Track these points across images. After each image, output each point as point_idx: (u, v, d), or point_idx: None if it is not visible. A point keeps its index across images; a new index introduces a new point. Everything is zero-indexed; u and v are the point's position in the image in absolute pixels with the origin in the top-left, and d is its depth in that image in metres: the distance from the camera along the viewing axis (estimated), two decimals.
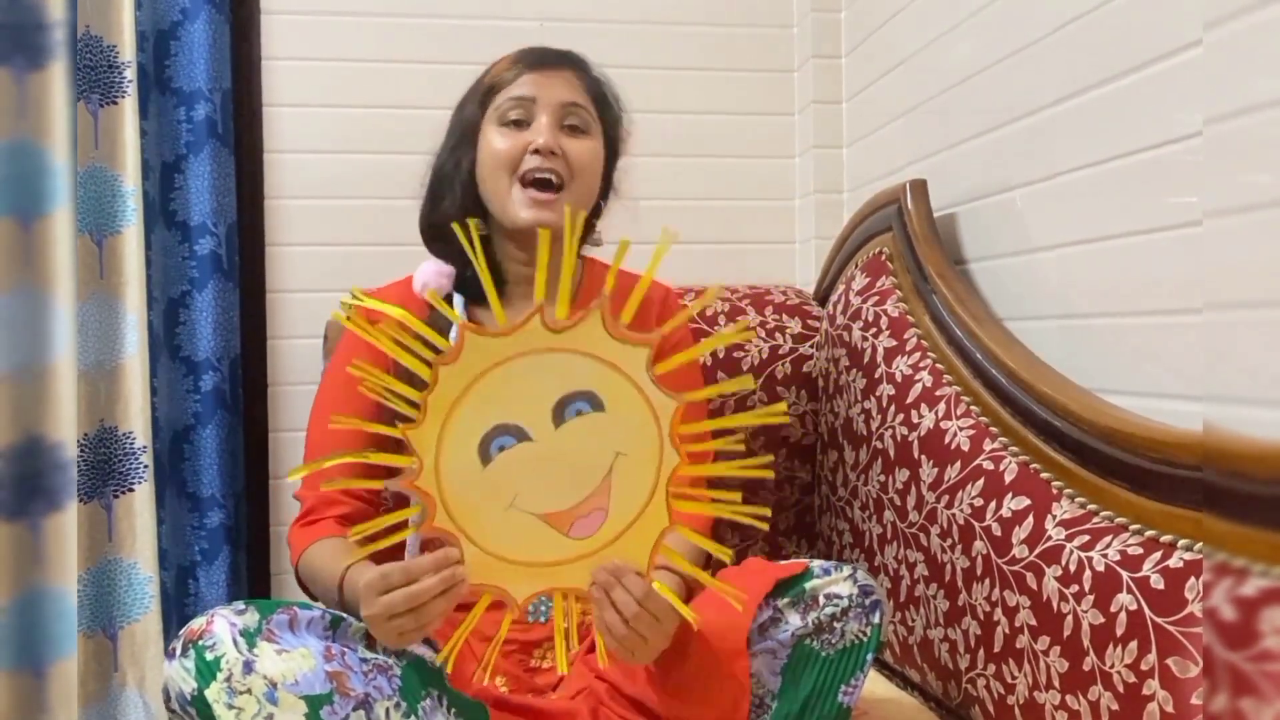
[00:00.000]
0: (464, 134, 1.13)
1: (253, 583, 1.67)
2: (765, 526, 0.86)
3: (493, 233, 1.14)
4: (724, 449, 0.85)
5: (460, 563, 0.83)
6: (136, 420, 1.48)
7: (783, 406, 0.89)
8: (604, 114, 1.15)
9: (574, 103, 1.10)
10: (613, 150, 1.18)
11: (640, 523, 0.85)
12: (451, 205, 1.12)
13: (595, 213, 1.19)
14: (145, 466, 1.48)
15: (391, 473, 1.03)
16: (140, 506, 1.48)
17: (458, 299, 1.12)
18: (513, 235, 1.12)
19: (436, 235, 1.14)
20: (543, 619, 1.07)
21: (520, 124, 1.09)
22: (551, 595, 0.85)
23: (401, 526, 0.84)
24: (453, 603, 0.83)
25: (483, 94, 1.13)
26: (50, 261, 1.13)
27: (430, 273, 1.13)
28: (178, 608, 1.59)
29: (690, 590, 1.01)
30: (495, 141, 1.09)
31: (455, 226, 0.84)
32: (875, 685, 1.26)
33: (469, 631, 0.84)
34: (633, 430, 0.83)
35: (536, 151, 1.07)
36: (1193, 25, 0.90)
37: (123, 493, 1.49)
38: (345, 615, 0.95)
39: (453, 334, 0.83)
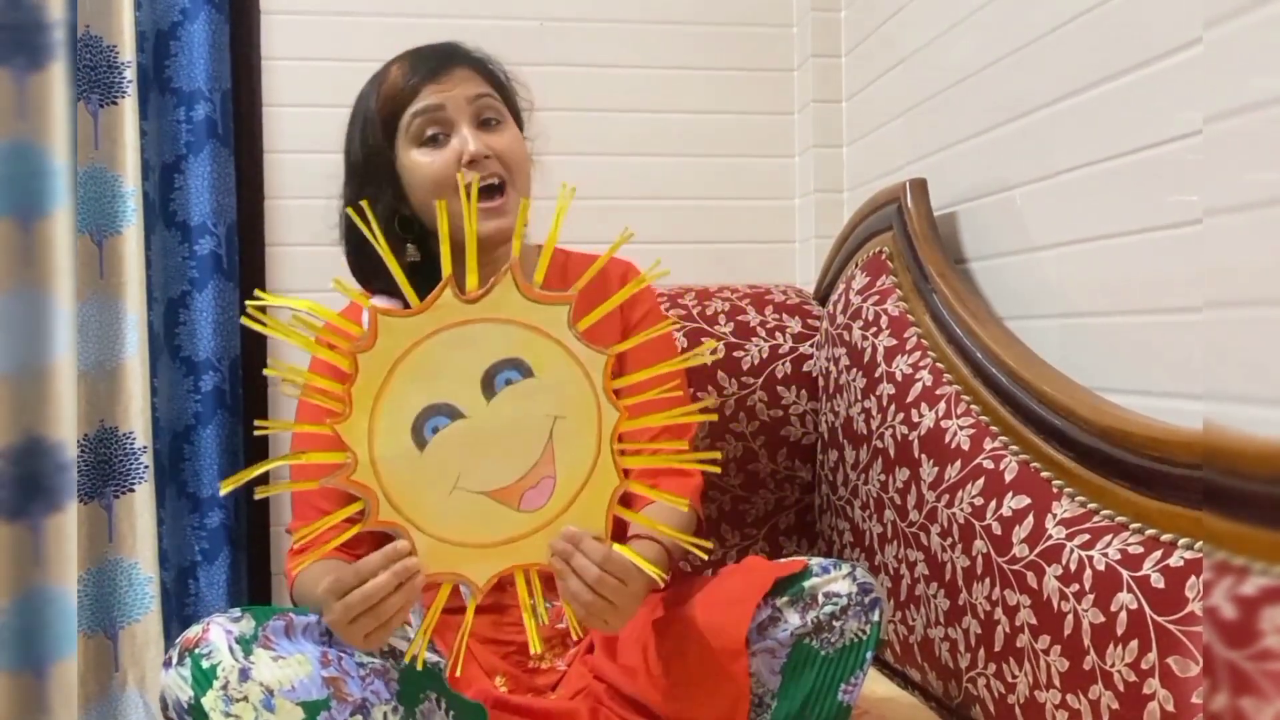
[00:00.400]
0: (372, 170, 1.09)
1: (253, 583, 1.67)
2: (717, 470, 0.85)
3: (427, 254, 1.11)
4: (663, 397, 0.84)
5: (412, 554, 0.81)
6: (137, 420, 1.48)
7: (711, 344, 0.88)
8: (506, 96, 1.11)
9: (480, 94, 1.06)
10: (519, 124, 1.13)
11: (590, 485, 0.83)
12: (384, 236, 1.10)
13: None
14: (145, 467, 1.48)
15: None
16: (140, 507, 1.48)
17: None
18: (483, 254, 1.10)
19: (371, 276, 1.11)
20: (540, 621, 1.06)
21: (438, 139, 1.05)
22: (513, 575, 0.83)
23: (348, 525, 0.82)
24: (411, 597, 0.81)
25: (383, 121, 1.07)
26: (50, 262, 1.13)
27: (386, 304, 1.11)
28: (178, 608, 1.59)
29: (670, 555, 0.99)
30: (421, 165, 1.05)
31: (350, 212, 0.83)
32: (876, 684, 1.26)
33: (468, 632, 0.84)
34: (566, 392, 0.81)
35: (471, 162, 1.03)
36: (1193, 23, 0.90)
37: (123, 493, 1.49)
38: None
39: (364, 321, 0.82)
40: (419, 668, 0.86)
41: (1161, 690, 0.76)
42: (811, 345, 1.53)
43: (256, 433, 0.84)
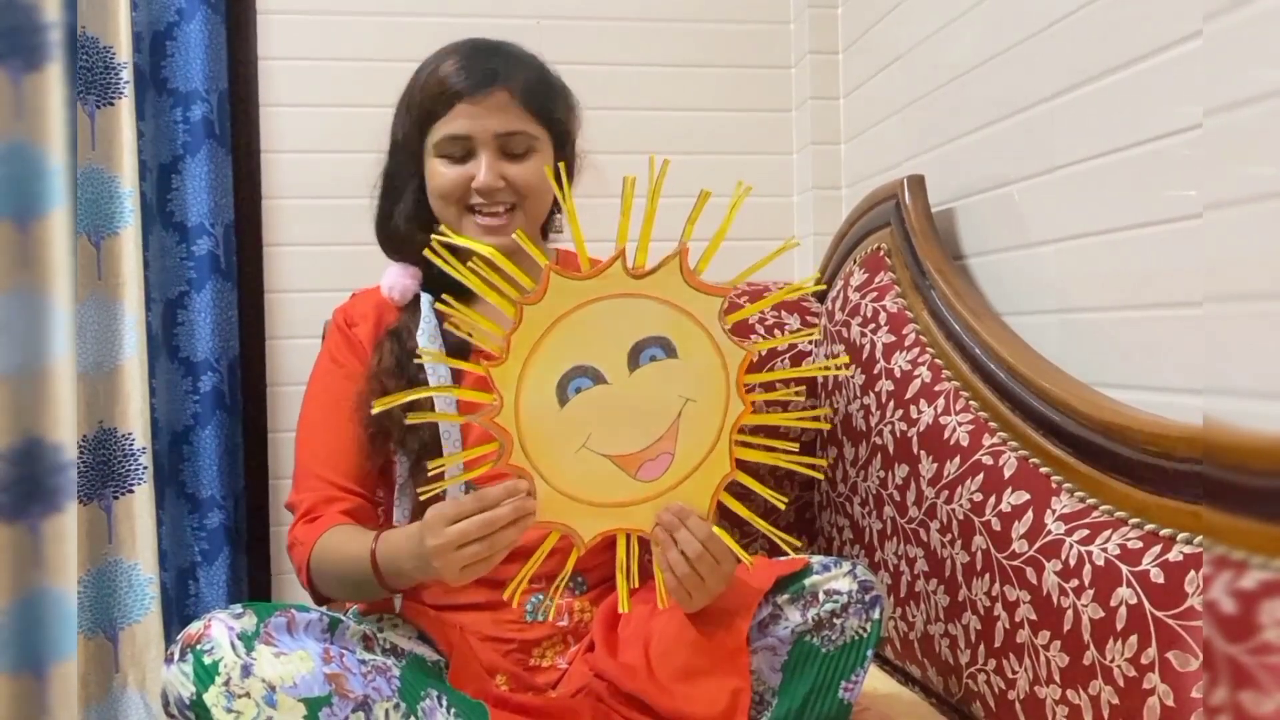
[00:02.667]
0: (408, 152, 1.12)
1: (253, 583, 1.67)
2: (821, 476, 0.89)
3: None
4: (785, 398, 0.92)
5: (530, 495, 0.85)
6: (136, 421, 1.48)
7: (844, 360, 0.93)
8: (546, 120, 1.10)
9: (509, 132, 1.07)
10: (562, 145, 1.14)
11: (704, 468, 0.89)
12: (402, 216, 1.12)
13: (555, 206, 1.17)
14: (145, 468, 1.48)
15: (384, 471, 1.05)
16: (140, 508, 1.48)
17: (425, 298, 1.11)
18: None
19: (393, 242, 1.14)
20: (541, 618, 1.07)
21: (459, 157, 1.07)
22: (615, 537, 0.88)
23: (474, 465, 0.87)
24: (520, 533, 0.85)
25: (420, 119, 1.09)
26: (48, 263, 1.13)
27: (396, 275, 1.12)
28: (178, 609, 1.59)
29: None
30: (440, 174, 1.08)
31: (431, 250, 0.86)
32: (876, 681, 1.26)
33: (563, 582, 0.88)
34: (702, 378, 0.87)
35: (479, 192, 1.06)
36: (1192, 16, 0.90)
37: (122, 494, 1.49)
38: (343, 617, 0.95)
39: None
40: (514, 604, 0.89)
41: (1161, 685, 0.76)
42: (810, 342, 1.53)
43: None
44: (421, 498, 0.98)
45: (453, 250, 0.84)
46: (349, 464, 1.08)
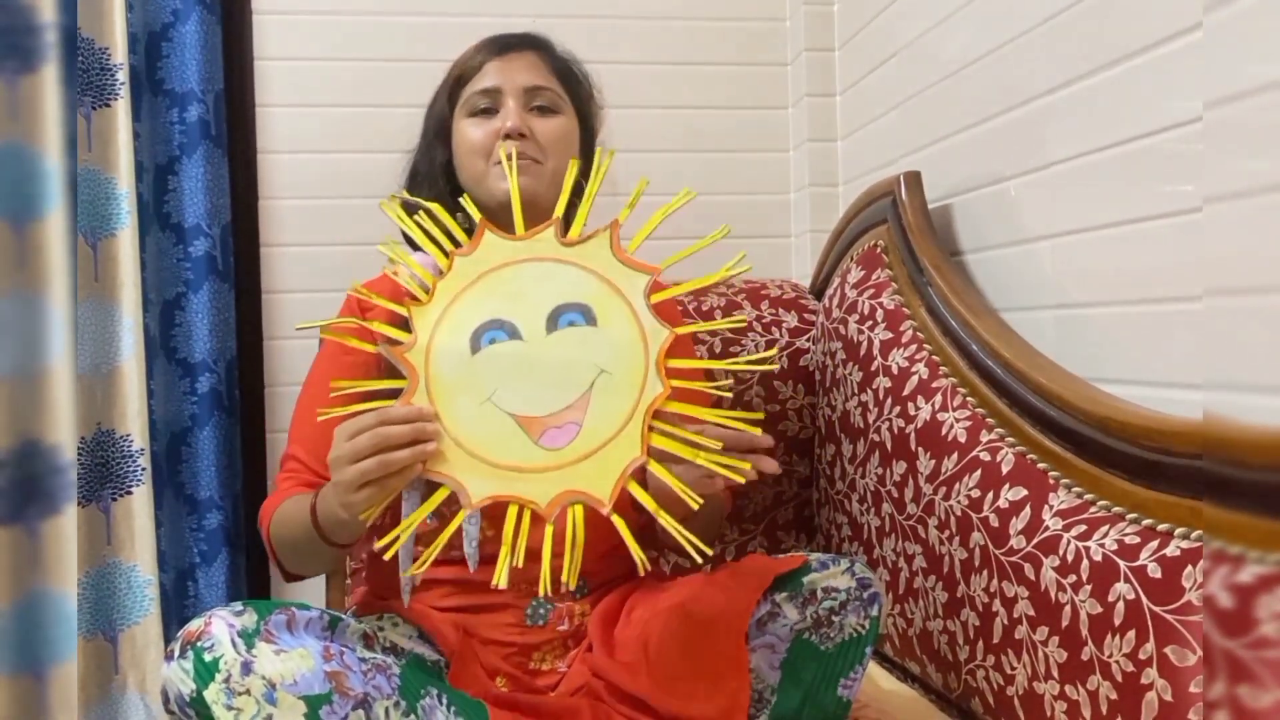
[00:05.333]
0: (437, 130, 1.16)
1: (252, 584, 1.67)
2: (742, 479, 0.84)
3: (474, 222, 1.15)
4: (714, 391, 0.88)
5: (435, 421, 0.84)
6: (134, 423, 1.48)
7: (772, 353, 0.92)
8: (572, 90, 1.16)
9: (538, 86, 1.12)
10: (586, 125, 1.18)
11: (611, 446, 0.84)
12: (424, 196, 1.13)
13: (575, 191, 1.19)
14: (143, 469, 1.48)
15: None
16: (139, 509, 1.48)
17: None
18: (496, 220, 1.12)
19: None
20: (541, 623, 1.06)
21: (489, 112, 1.11)
22: (506, 504, 0.83)
23: (382, 396, 0.86)
24: (417, 459, 0.82)
25: (451, 86, 1.15)
26: (45, 264, 1.13)
27: (420, 259, 1.13)
28: (177, 610, 1.59)
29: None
30: (467, 132, 1.12)
31: (383, 205, 0.91)
32: (875, 678, 1.27)
33: (442, 542, 0.84)
34: (620, 351, 0.86)
35: (507, 135, 1.09)
36: (1192, 8, 0.90)
37: (121, 495, 1.48)
38: (343, 616, 0.95)
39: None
40: (387, 558, 0.87)
41: (1159, 680, 0.77)
42: (808, 340, 1.53)
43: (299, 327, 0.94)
44: (319, 418, 0.97)
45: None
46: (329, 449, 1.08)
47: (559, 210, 0.90)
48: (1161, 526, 0.81)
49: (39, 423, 1.12)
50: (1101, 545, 0.85)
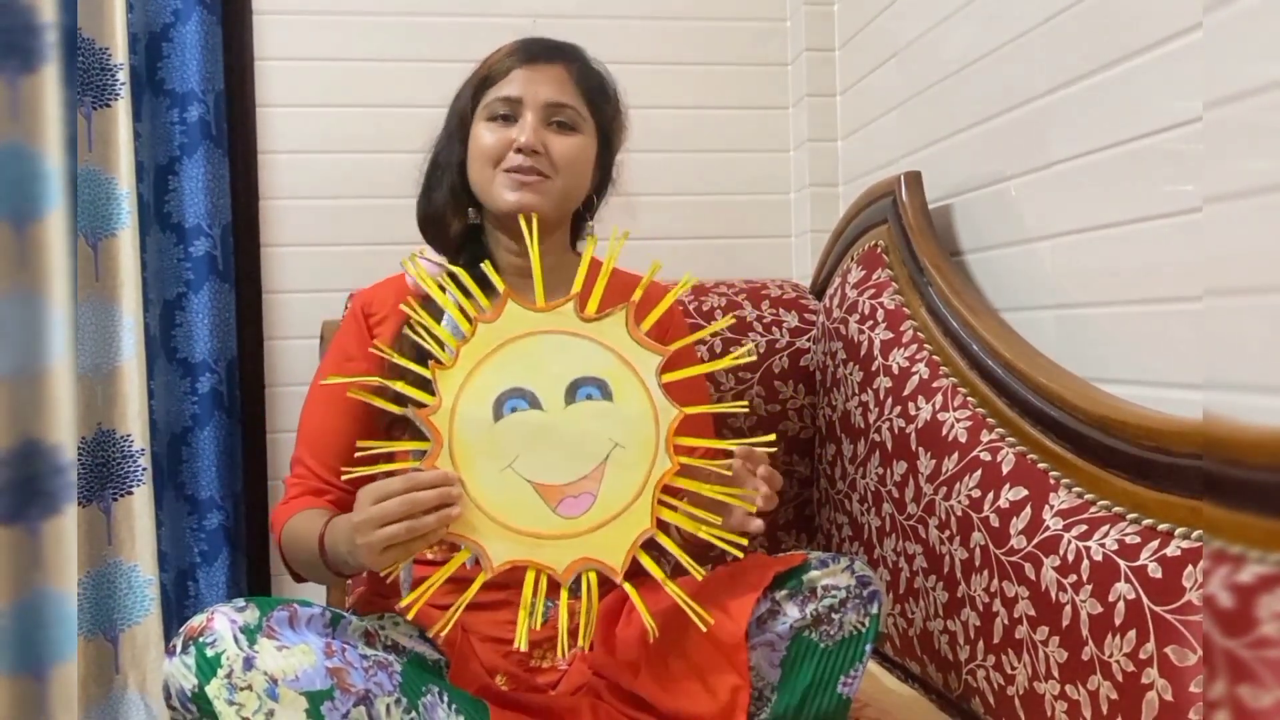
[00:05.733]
0: (458, 125, 1.15)
1: (252, 584, 1.67)
2: (741, 554, 0.91)
3: (485, 224, 1.15)
4: (719, 470, 0.92)
5: (459, 485, 0.86)
6: (134, 423, 1.48)
7: (749, 347, 0.95)
8: (596, 109, 1.14)
9: (559, 103, 1.10)
10: (606, 144, 1.17)
11: (624, 517, 0.89)
12: (441, 196, 1.13)
13: (588, 206, 1.19)
14: (144, 469, 1.48)
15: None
16: (139, 509, 1.48)
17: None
18: (504, 225, 1.12)
19: (430, 224, 1.15)
20: (541, 621, 1.06)
21: (508, 119, 1.10)
22: (525, 569, 0.88)
23: (403, 456, 0.91)
24: (441, 524, 0.85)
25: (476, 86, 1.13)
26: (46, 265, 1.13)
27: (430, 270, 1.13)
28: (178, 610, 1.59)
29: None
30: (483, 136, 1.10)
31: (405, 264, 0.94)
32: (876, 678, 1.27)
33: (466, 602, 0.87)
34: (633, 426, 0.90)
35: (519, 150, 1.07)
36: (1192, 8, 0.90)
37: (121, 495, 1.49)
38: (344, 613, 0.95)
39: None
40: (399, 607, 0.90)
41: (1160, 679, 0.77)
42: (808, 339, 1.53)
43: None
44: (343, 478, 1.03)
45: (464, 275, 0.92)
46: (337, 457, 1.09)
47: (576, 283, 0.92)
48: (1162, 526, 0.81)
49: (39, 423, 1.12)
50: (1102, 545, 0.85)
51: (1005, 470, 1.01)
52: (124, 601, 1.49)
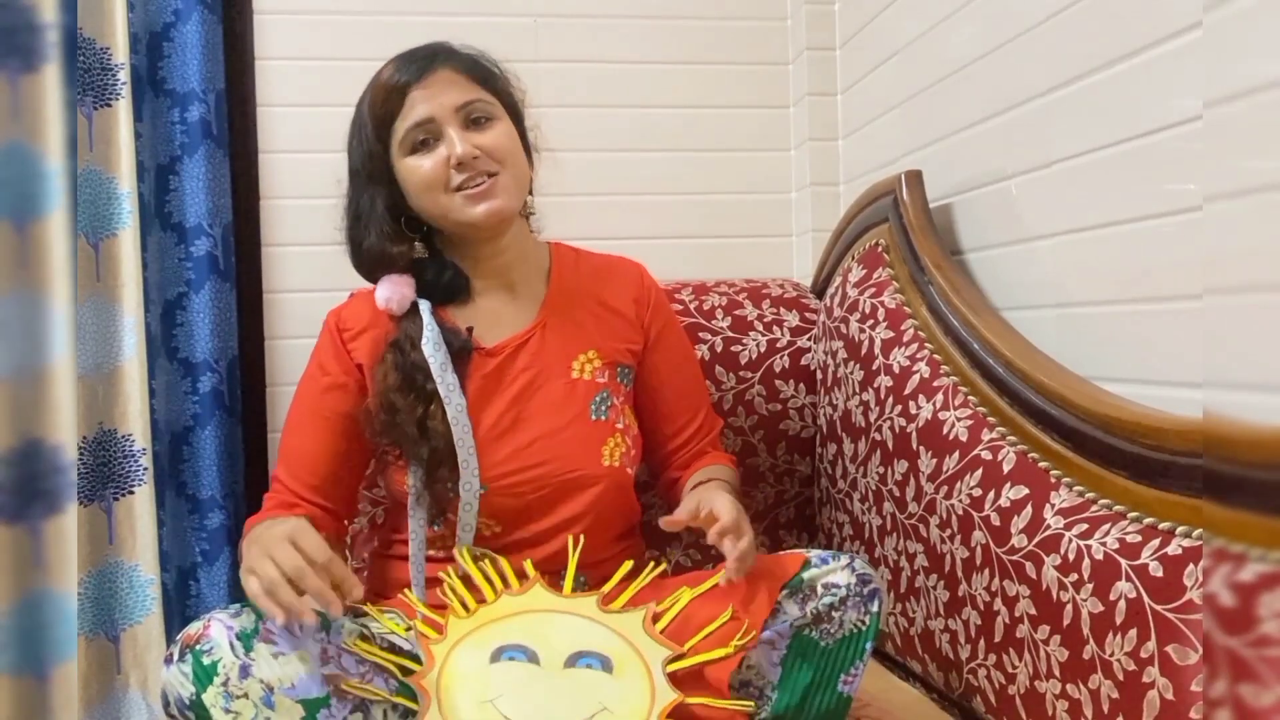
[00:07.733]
0: (371, 172, 1.12)
1: None
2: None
3: (444, 246, 1.15)
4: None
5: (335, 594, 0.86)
6: (135, 422, 1.48)
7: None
8: (495, 89, 1.13)
9: (466, 101, 1.08)
10: (517, 115, 1.16)
11: None
12: (375, 242, 1.12)
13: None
14: (145, 469, 1.48)
15: (396, 479, 1.06)
16: (140, 509, 1.48)
17: (424, 304, 1.11)
18: (468, 233, 1.12)
19: (374, 267, 1.14)
20: None
21: (428, 143, 1.08)
22: None
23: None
24: (298, 607, 0.85)
25: (376, 128, 1.11)
26: (47, 264, 1.13)
27: (391, 287, 1.12)
28: (179, 609, 1.59)
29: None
30: (416, 169, 1.08)
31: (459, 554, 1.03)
32: (877, 677, 1.27)
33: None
34: (627, 698, 0.90)
35: (459, 163, 1.06)
36: (1192, 8, 0.90)
37: (123, 495, 1.49)
38: (339, 617, 0.95)
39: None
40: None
41: (1161, 678, 0.77)
42: (809, 339, 1.53)
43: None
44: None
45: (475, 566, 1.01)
46: (314, 474, 1.11)
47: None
48: (1163, 525, 0.81)
49: (41, 422, 1.12)
50: (1103, 544, 0.85)
51: (1006, 469, 1.01)
52: (125, 601, 1.49)
